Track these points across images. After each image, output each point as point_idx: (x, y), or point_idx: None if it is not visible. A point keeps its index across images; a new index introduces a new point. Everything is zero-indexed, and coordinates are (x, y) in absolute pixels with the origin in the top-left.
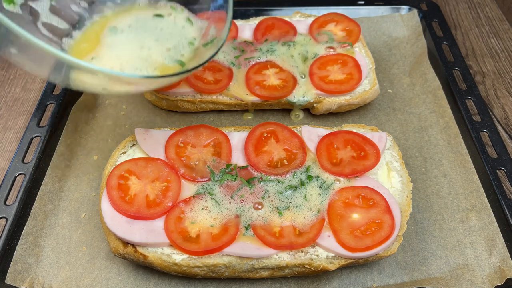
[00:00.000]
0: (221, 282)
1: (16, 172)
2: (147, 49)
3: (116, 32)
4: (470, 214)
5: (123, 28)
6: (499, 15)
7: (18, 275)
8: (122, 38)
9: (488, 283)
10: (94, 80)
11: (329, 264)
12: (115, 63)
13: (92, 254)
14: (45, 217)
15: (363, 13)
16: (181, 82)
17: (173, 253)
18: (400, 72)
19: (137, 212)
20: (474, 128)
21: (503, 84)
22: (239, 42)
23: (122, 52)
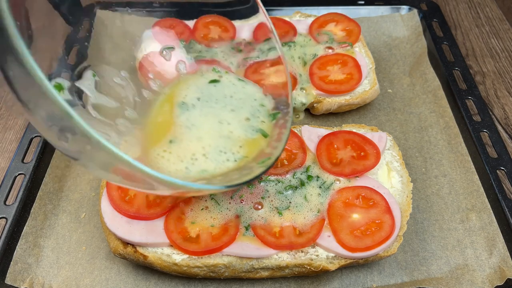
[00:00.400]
0: (221, 282)
1: (16, 172)
2: (226, 124)
3: (188, 108)
4: (470, 214)
5: (193, 102)
6: (499, 15)
7: (18, 275)
8: (196, 114)
9: (488, 283)
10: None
11: (329, 264)
12: (197, 147)
13: (92, 254)
14: (45, 217)
15: (363, 13)
16: None
17: (173, 253)
18: (400, 72)
19: (137, 212)
20: (474, 128)
21: (503, 84)
22: (237, 42)
23: (202, 132)
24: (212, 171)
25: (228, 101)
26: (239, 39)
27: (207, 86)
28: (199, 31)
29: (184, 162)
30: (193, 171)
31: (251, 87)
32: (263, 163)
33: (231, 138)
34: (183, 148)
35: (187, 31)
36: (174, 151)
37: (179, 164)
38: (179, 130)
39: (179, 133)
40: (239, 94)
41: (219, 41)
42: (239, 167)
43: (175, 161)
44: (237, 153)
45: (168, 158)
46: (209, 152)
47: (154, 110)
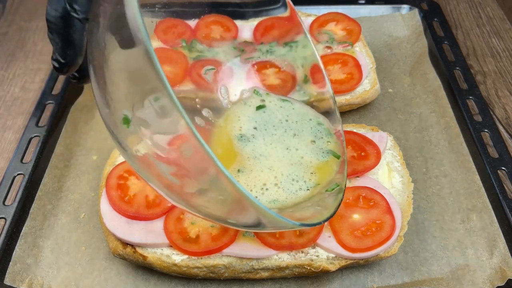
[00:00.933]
0: (221, 283)
1: (15, 172)
2: (295, 150)
3: (249, 139)
4: (471, 215)
5: (252, 133)
6: (500, 14)
7: (17, 276)
8: (260, 144)
9: (489, 283)
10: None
11: (330, 265)
12: (269, 176)
13: (92, 255)
14: (44, 218)
15: (363, 12)
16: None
17: (173, 254)
18: (400, 72)
19: (136, 213)
20: (475, 128)
21: (504, 84)
22: (239, 42)
23: (272, 162)
24: (283, 201)
25: (286, 125)
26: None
27: (257, 113)
28: (201, 31)
29: (253, 191)
30: (263, 201)
31: (298, 105)
32: (333, 191)
33: (303, 164)
34: (252, 178)
35: (188, 31)
36: (243, 180)
37: None
38: (247, 162)
39: (247, 164)
40: (293, 117)
41: (221, 40)
42: (312, 195)
43: None
44: (309, 181)
45: None
46: (281, 181)
47: (213, 141)
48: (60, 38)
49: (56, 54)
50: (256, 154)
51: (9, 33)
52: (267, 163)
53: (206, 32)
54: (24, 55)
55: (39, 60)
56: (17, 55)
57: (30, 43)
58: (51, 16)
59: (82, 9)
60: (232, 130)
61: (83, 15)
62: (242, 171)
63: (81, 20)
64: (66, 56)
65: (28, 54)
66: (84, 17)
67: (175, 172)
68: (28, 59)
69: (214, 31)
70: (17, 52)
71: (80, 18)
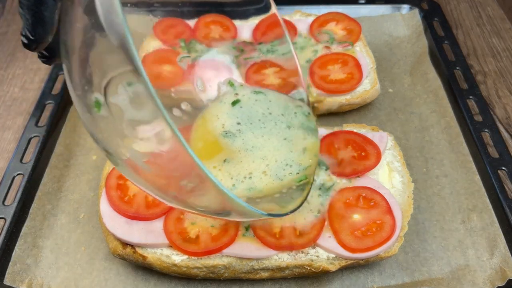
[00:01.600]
0: (220, 283)
1: (15, 172)
2: (293, 139)
3: (235, 134)
4: (471, 215)
5: (237, 128)
6: (500, 14)
7: (16, 276)
8: (250, 137)
9: (489, 283)
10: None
11: (330, 265)
12: (260, 165)
13: (91, 255)
14: (44, 218)
15: (363, 12)
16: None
17: (173, 254)
18: (401, 71)
19: (136, 213)
20: (475, 128)
21: (505, 84)
22: (239, 42)
23: (267, 152)
24: (259, 189)
25: (273, 118)
26: (240, 39)
27: (235, 109)
28: (200, 31)
29: (233, 179)
30: (238, 189)
31: (273, 95)
32: (300, 182)
33: (303, 149)
34: (239, 167)
35: (187, 30)
36: (226, 169)
37: (227, 181)
38: (237, 154)
39: (238, 155)
40: (275, 109)
41: (220, 40)
42: (292, 180)
43: (223, 177)
44: (302, 164)
45: (216, 174)
46: (272, 168)
47: (193, 135)
48: (30, 14)
49: (25, 30)
50: (247, 146)
51: (8, 33)
52: (260, 153)
53: (205, 32)
54: (23, 55)
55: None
56: (17, 55)
57: None
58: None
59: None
60: (215, 129)
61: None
62: (229, 161)
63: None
64: (36, 33)
65: (28, 54)
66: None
67: (149, 160)
68: (28, 59)
69: (214, 31)
70: (17, 52)
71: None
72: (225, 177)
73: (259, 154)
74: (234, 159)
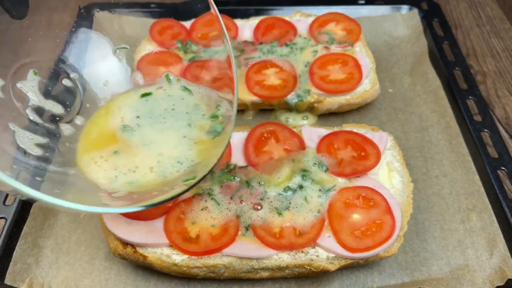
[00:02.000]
0: (220, 283)
1: None
2: (192, 137)
3: (133, 129)
4: (471, 215)
5: (136, 122)
6: (499, 14)
7: (17, 276)
8: (149, 132)
9: (489, 283)
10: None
11: (330, 265)
12: (152, 160)
13: (92, 255)
14: (45, 218)
15: (363, 12)
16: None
17: (173, 254)
18: (401, 71)
19: (136, 213)
20: (475, 128)
21: (504, 84)
22: (239, 42)
23: (165, 148)
24: (140, 184)
25: (175, 114)
26: (241, 39)
27: (139, 102)
28: (197, 31)
29: (117, 171)
30: (120, 181)
31: (200, 92)
32: (186, 182)
33: (199, 148)
34: (128, 161)
35: (183, 31)
36: (113, 161)
37: (110, 172)
38: (134, 149)
39: (133, 150)
40: (182, 107)
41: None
42: (177, 178)
43: (107, 168)
44: (192, 162)
45: (100, 164)
46: (161, 165)
47: (88, 127)
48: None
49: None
50: (145, 141)
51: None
52: (157, 149)
53: (202, 32)
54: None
55: None
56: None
57: None
58: None
59: None
60: (114, 123)
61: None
62: (119, 153)
63: None
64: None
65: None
66: None
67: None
68: None
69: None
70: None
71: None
72: (109, 168)
73: (155, 149)
74: (127, 152)
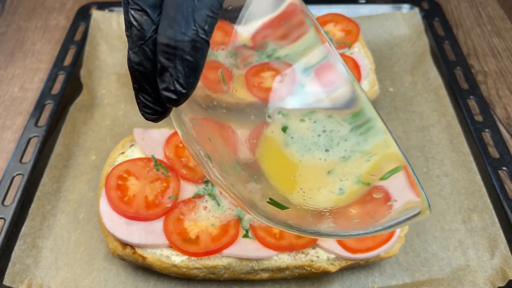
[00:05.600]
0: (220, 284)
1: (14, 172)
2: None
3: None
4: (472, 215)
5: (298, 136)
6: (500, 14)
7: (16, 276)
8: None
9: (490, 284)
10: None
11: (330, 266)
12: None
13: (91, 255)
14: (44, 218)
15: (364, 12)
16: None
17: (172, 254)
18: (401, 70)
19: (136, 213)
20: (476, 128)
21: (505, 84)
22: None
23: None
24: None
25: (329, 137)
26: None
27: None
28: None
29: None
30: (346, 192)
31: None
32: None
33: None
34: (324, 188)
35: None
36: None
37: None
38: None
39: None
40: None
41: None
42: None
43: (331, 188)
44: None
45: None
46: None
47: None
48: (185, 64)
49: (174, 84)
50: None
51: (8, 33)
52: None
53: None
54: (23, 55)
55: (38, 59)
56: (16, 55)
57: (29, 43)
58: (178, 41)
59: (211, 30)
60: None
61: (209, 37)
62: (297, 176)
63: (208, 42)
64: (188, 84)
65: (27, 54)
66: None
67: None
68: (27, 58)
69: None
70: (16, 52)
71: (207, 40)
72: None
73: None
74: (334, 171)
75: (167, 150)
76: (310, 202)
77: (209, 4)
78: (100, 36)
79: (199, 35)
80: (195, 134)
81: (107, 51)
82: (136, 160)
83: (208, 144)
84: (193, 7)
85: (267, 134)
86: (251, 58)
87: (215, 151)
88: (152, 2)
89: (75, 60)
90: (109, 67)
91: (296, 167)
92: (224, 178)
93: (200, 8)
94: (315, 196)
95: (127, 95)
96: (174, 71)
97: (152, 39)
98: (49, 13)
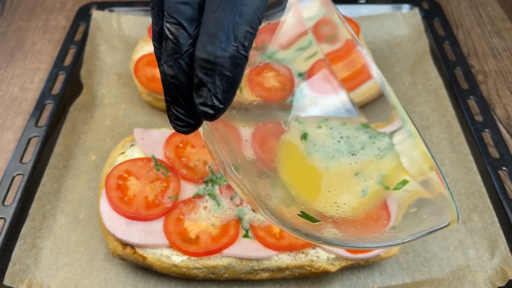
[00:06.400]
0: (220, 284)
1: (14, 173)
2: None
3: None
4: (472, 215)
5: (319, 143)
6: (501, 14)
7: (16, 276)
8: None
9: (490, 284)
10: None
11: (330, 266)
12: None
13: (91, 255)
14: (44, 218)
15: (364, 12)
16: None
17: (173, 254)
18: (401, 70)
19: (136, 213)
20: (476, 128)
21: (505, 84)
22: None
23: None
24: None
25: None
26: None
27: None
28: None
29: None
30: (368, 194)
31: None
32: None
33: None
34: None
35: None
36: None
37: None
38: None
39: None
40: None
41: None
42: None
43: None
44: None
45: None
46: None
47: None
48: (224, 80)
49: (212, 99)
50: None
51: (8, 33)
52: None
53: None
54: (23, 55)
55: (38, 59)
56: (16, 55)
57: (29, 43)
58: (218, 57)
59: (250, 46)
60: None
61: (248, 53)
62: (331, 191)
63: (247, 58)
64: (226, 100)
65: (27, 54)
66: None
67: None
68: (27, 58)
69: None
70: (16, 52)
71: (247, 56)
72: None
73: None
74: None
75: (167, 150)
76: (340, 210)
77: (249, 20)
78: (100, 36)
79: (239, 51)
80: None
81: (107, 51)
82: (136, 160)
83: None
84: (234, 23)
85: (285, 141)
86: (254, 58)
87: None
88: (189, 15)
89: (75, 60)
90: (109, 67)
91: (321, 175)
92: (255, 194)
93: (241, 24)
94: (340, 200)
95: (127, 95)
96: (213, 87)
97: (188, 53)
98: (49, 13)
